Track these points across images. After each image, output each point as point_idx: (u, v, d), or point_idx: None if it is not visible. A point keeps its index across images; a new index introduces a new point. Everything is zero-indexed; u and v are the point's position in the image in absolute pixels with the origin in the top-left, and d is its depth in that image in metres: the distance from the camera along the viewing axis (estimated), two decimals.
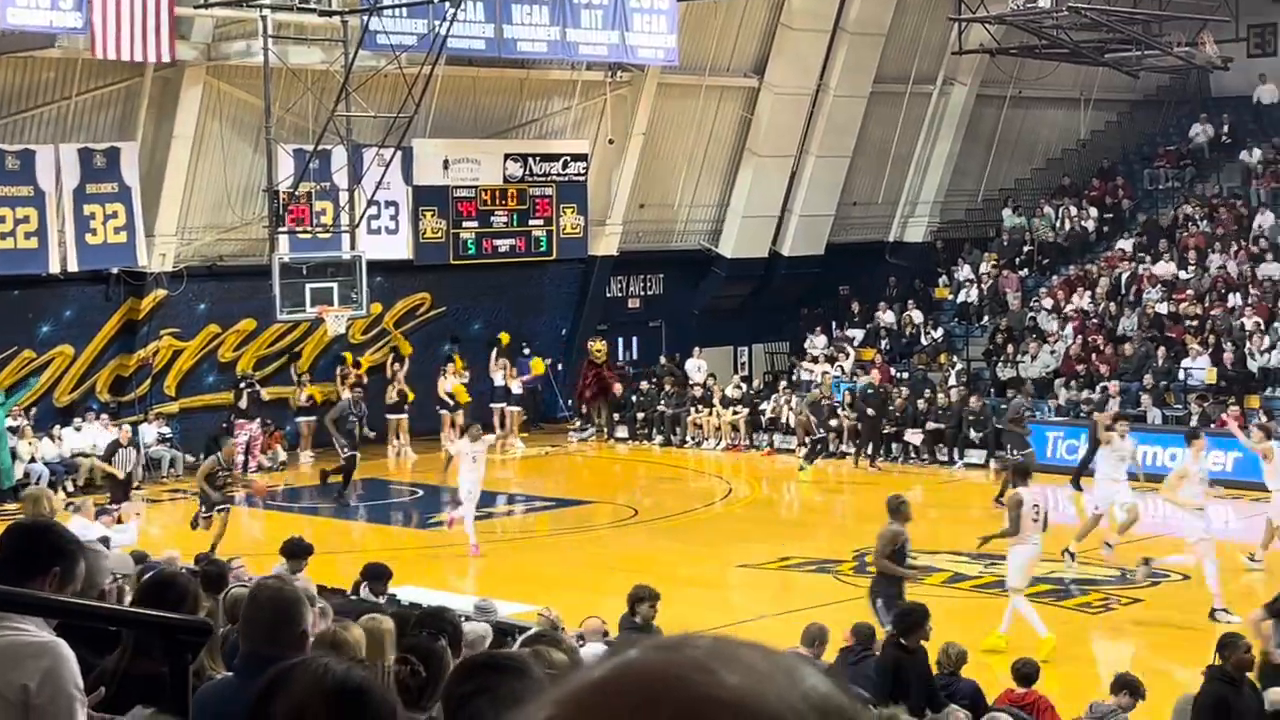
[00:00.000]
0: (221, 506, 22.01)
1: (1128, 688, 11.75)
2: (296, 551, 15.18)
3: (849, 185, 38.83)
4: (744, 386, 35.06)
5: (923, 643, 12.11)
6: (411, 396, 32.36)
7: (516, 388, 33.84)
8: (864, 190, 39.45)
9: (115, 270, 29.86)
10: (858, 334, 36.85)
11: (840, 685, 1.25)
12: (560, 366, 35.97)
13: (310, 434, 31.62)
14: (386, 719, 3.53)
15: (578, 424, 35.38)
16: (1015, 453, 26.44)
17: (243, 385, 30.76)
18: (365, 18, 27.64)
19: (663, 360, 36.19)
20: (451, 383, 32.63)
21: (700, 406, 34.33)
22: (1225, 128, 39.30)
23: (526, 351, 34.64)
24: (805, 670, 1.25)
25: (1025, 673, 12.04)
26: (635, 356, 37.26)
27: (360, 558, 17.77)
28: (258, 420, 30.82)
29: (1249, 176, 37.55)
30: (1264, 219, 35.44)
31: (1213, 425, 28.73)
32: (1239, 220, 35.92)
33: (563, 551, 23.65)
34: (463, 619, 11.56)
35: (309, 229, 29.39)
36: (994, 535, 18.10)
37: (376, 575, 14.65)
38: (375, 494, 28.89)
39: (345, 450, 27.62)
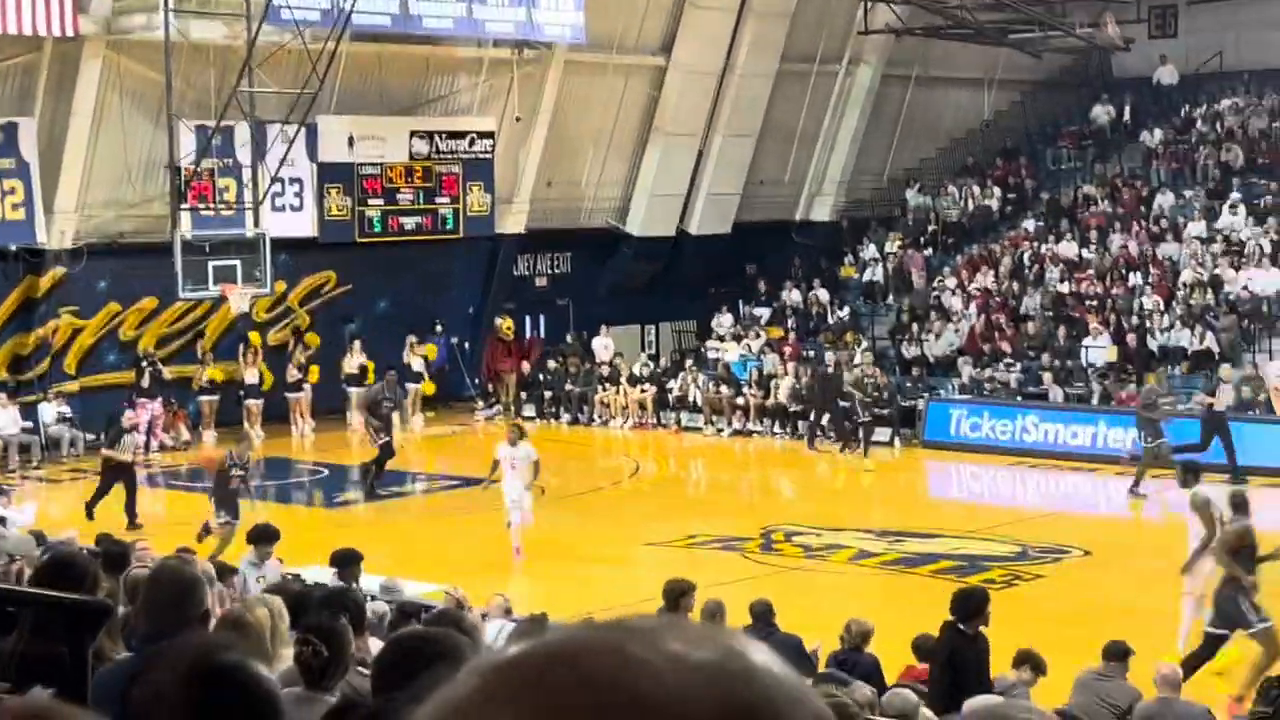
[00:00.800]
0: (228, 521, 20.20)
1: (1029, 662, 11.88)
2: (263, 537, 15.09)
3: (756, 164, 38.90)
4: (651, 365, 35.13)
5: (982, 629, 11.55)
6: (315, 377, 32.22)
7: (418, 364, 33.71)
8: (771, 169, 39.51)
9: (13, 247, 29.45)
10: (765, 313, 36.96)
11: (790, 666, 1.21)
12: (467, 345, 35.89)
13: (213, 413, 31.38)
14: (259, 701, 3.35)
15: (483, 403, 35.31)
16: (1150, 441, 25.56)
17: (144, 364, 30.42)
18: None
19: (569, 339, 36.16)
20: (357, 361, 32.53)
21: (607, 385, 34.34)
22: (1126, 109, 39.67)
23: (440, 330, 34.64)
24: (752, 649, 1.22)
25: (925, 648, 12.14)
26: (543, 335, 37.15)
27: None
28: (159, 399, 30.52)
29: (1149, 157, 37.97)
30: (1164, 199, 35.83)
31: (1112, 403, 29.22)
32: (1140, 200, 36.30)
33: (469, 530, 23.57)
34: (367, 598, 11.54)
35: (211, 206, 29.13)
36: (1198, 550, 16.01)
37: (344, 561, 14.50)
38: (278, 473, 28.66)
39: (380, 437, 26.44)
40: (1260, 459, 26.31)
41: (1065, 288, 33.76)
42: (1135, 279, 33.19)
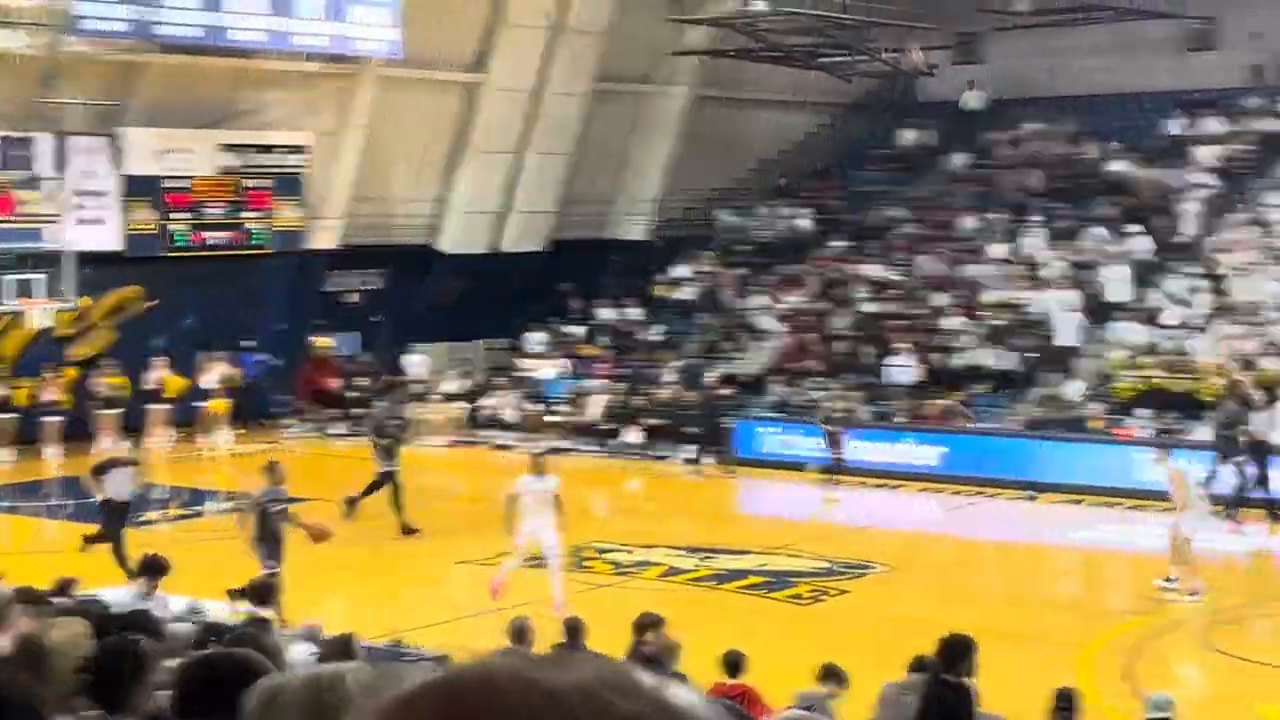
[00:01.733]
0: (274, 570, 17.57)
1: (833, 677, 12.05)
2: (152, 569, 14.51)
3: (570, 182, 38.96)
4: (465, 382, 35.01)
5: (968, 679, 10.86)
6: (128, 391, 31.58)
7: (213, 382, 33.13)
8: (585, 188, 39.58)
9: None
10: (578, 330, 37.01)
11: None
12: (279, 362, 35.42)
13: (13, 430, 30.57)
14: None
15: (294, 421, 34.90)
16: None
17: None
18: (73, 1, 26.89)
19: (369, 358, 35.83)
20: (160, 376, 31.98)
21: (421, 402, 34.15)
22: (932, 133, 40.37)
23: (250, 346, 34.18)
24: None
25: (733, 662, 12.25)
26: (356, 352, 36.79)
27: (62, 559, 17.30)
28: None
29: (954, 180, 38.68)
30: (967, 222, 36.51)
31: (918, 420, 29.76)
32: (944, 223, 36.96)
33: None
34: (171, 620, 11.37)
35: (10, 218, 28.47)
36: None
37: (152, 569, 14.05)
38: (77, 491, 28.00)
39: (383, 464, 24.38)
40: (1057, 477, 27.04)
41: (873, 307, 34.28)
42: (939, 299, 33.81)
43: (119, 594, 14.93)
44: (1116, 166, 36.43)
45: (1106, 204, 35.25)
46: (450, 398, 34.11)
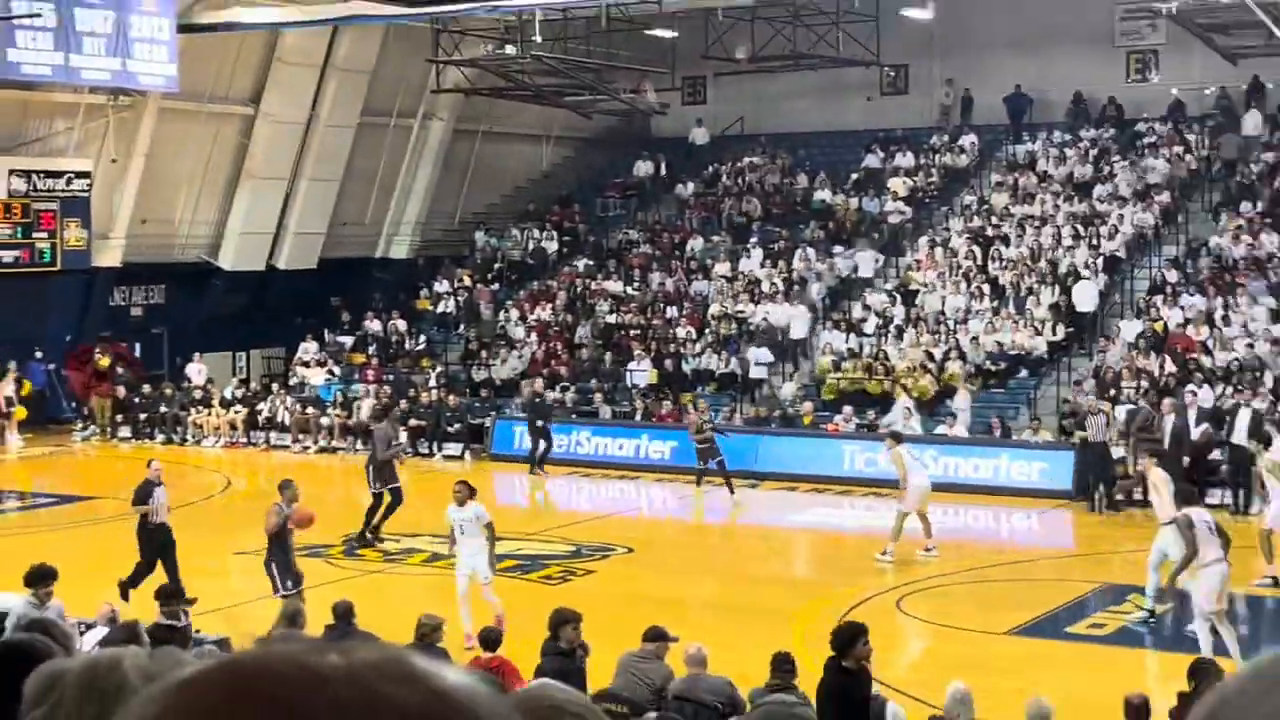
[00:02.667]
0: (295, 590, 15.95)
1: (582, 649, 12.11)
2: (41, 577, 13.33)
3: (340, 206, 38.53)
4: (242, 389, 34.39)
5: (863, 662, 10.60)
6: None
7: (8, 390, 32.08)
8: (353, 211, 39.19)
9: None
10: (348, 340, 36.59)
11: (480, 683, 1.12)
12: (65, 372, 34.38)
13: None
14: None
15: (80, 425, 33.92)
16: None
17: None
18: None
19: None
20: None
21: (200, 407, 33.49)
22: (664, 164, 40.80)
23: (39, 356, 33.15)
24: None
25: (490, 638, 12.23)
26: (139, 362, 35.85)
27: None
28: None
29: (684, 206, 39.18)
30: (695, 243, 37.00)
31: (654, 419, 30.04)
32: (675, 244, 37.39)
33: (69, 544, 22.50)
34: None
35: None
36: (1180, 566, 15.50)
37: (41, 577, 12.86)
38: None
39: (383, 485, 22.43)
40: (775, 467, 27.55)
41: (612, 319, 34.53)
42: (671, 311, 34.18)
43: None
44: (822, 195, 37.27)
45: (815, 227, 36.03)
46: (228, 403, 33.49)
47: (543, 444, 28.87)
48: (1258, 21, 25.41)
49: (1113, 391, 27.04)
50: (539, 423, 28.97)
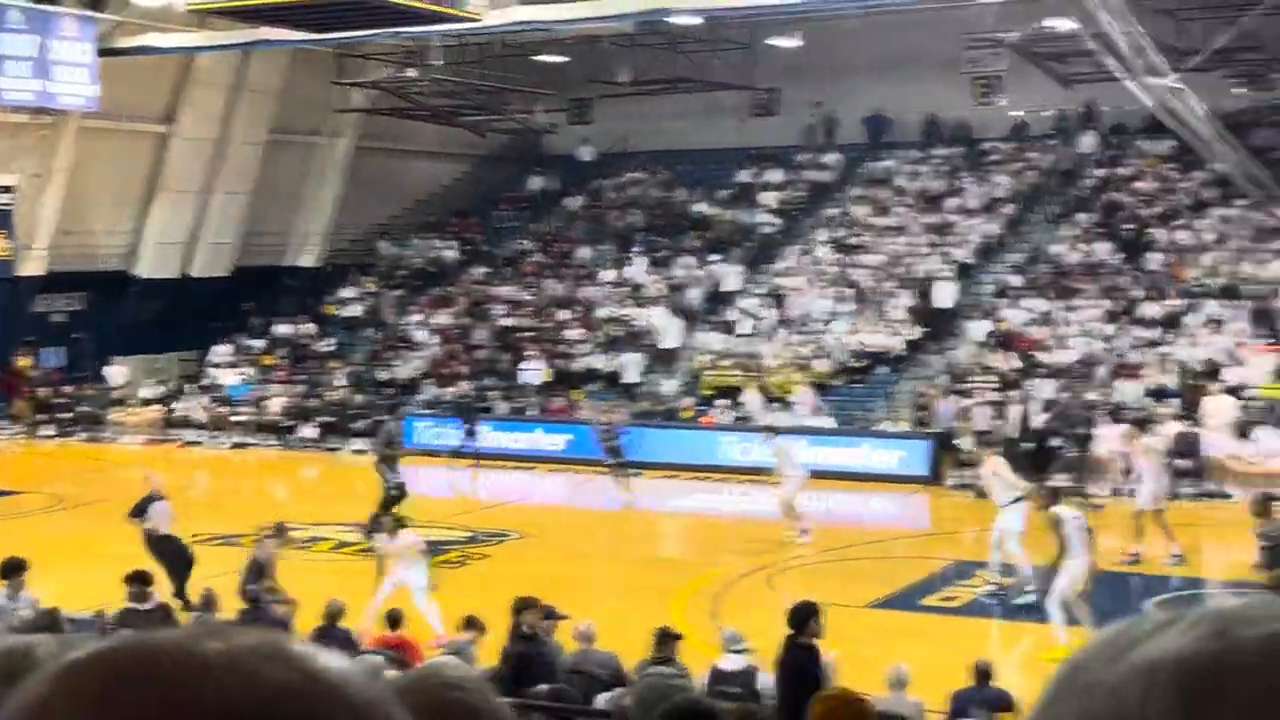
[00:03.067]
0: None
1: (474, 626, 12.10)
2: (12, 569, 12.76)
3: (251, 217, 38.05)
4: (159, 389, 33.91)
5: (816, 640, 10.57)
6: None
7: None
8: (264, 222, 38.71)
9: None
10: (260, 343, 36.16)
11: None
12: None
13: None
14: None
15: (6, 424, 33.25)
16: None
17: None
18: None
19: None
20: None
21: (120, 406, 32.98)
22: (555, 179, 40.77)
23: None
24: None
25: (393, 618, 12.19)
26: (62, 365, 35.18)
27: None
28: None
29: (572, 218, 39.17)
30: (584, 252, 37.03)
31: (547, 413, 30.02)
32: (565, 253, 37.38)
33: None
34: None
35: None
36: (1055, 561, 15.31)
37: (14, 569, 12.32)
38: None
39: (392, 477, 21.95)
40: (657, 458, 27.62)
41: (508, 322, 34.44)
42: (563, 315, 34.18)
43: None
44: (699, 208, 37.45)
45: (693, 237, 36.19)
46: (147, 402, 33.00)
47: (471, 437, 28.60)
48: (1090, 50, 25.93)
49: (963, 386, 27.48)
50: (469, 420, 28.67)
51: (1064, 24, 28.06)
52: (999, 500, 17.72)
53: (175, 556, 16.78)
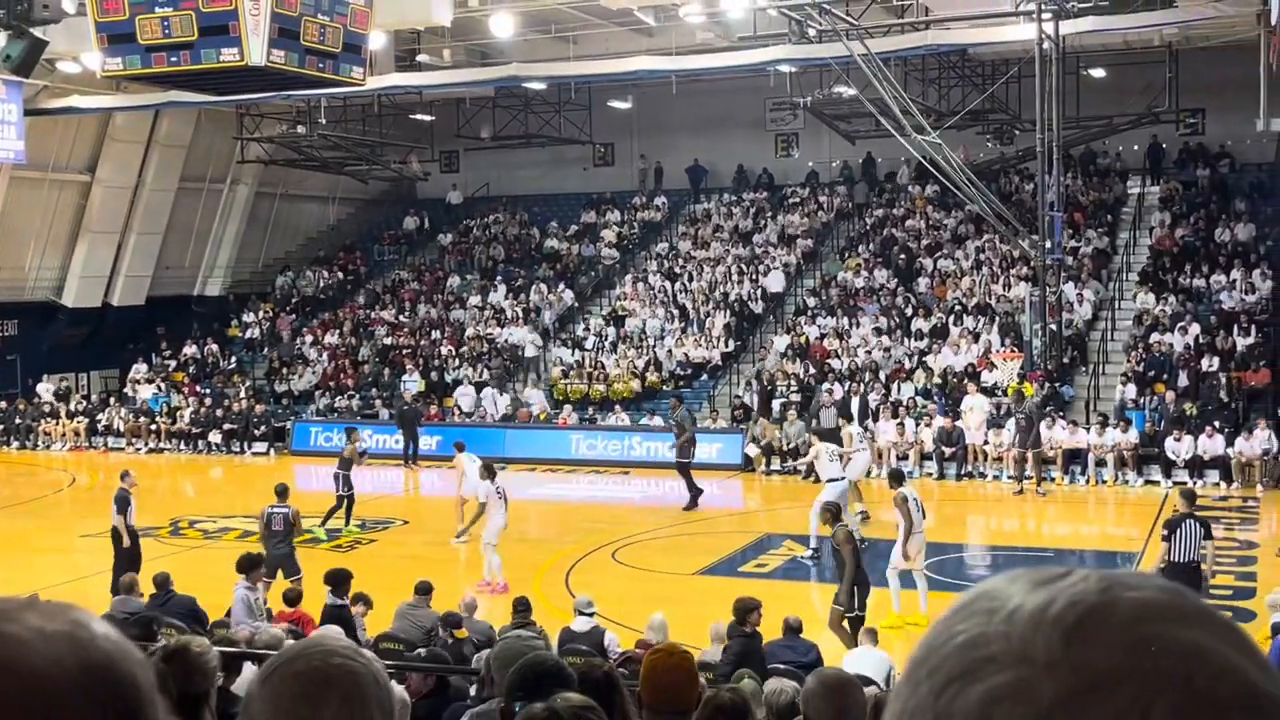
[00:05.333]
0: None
1: (363, 600, 11.91)
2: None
3: (163, 253, 36.98)
4: (84, 402, 32.79)
5: (757, 628, 10.36)
6: None
7: None
8: (174, 257, 37.66)
9: None
10: (171, 363, 35.19)
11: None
12: None
13: None
14: None
15: None
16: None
17: None
18: None
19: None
20: None
21: (49, 418, 31.80)
22: (427, 219, 40.42)
23: None
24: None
25: (291, 598, 11.93)
26: None
27: None
28: None
29: (444, 252, 38.85)
30: (453, 280, 36.73)
31: (423, 419, 29.66)
32: (437, 281, 37.06)
33: None
34: None
35: None
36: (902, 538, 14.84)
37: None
38: None
39: (348, 488, 20.36)
40: (520, 454, 27.54)
41: (389, 341, 34.02)
42: (435, 334, 33.88)
43: None
44: (551, 243, 37.43)
45: (546, 268, 36.15)
46: (72, 414, 31.84)
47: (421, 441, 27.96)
48: (868, 112, 26.53)
49: (769, 390, 27.86)
50: (409, 426, 27.99)
51: (848, 90, 28.68)
52: (824, 477, 18.01)
53: (132, 551, 16.08)
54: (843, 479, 18.13)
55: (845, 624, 12.50)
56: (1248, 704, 0.78)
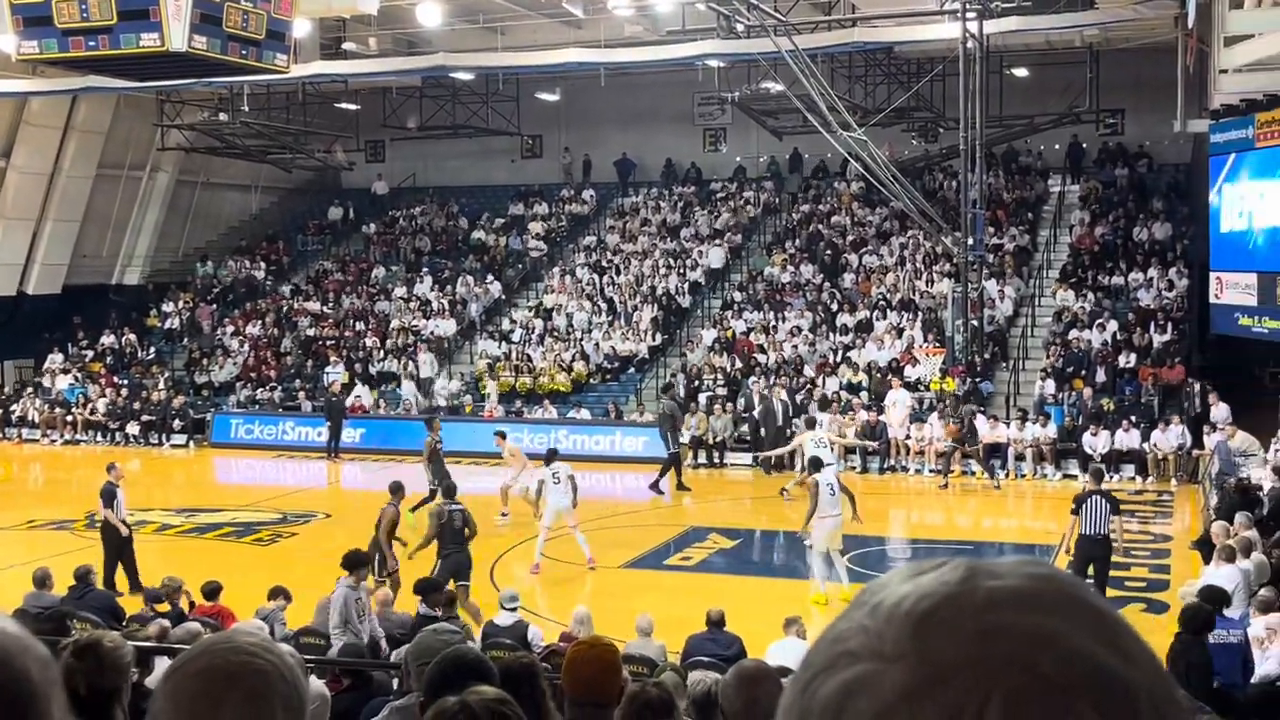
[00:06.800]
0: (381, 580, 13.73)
1: (282, 594, 11.78)
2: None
3: (80, 241, 36.20)
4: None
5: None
6: None
7: None
8: (92, 245, 36.88)
9: None
10: (89, 353, 34.49)
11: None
12: None
13: None
14: None
15: None
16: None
17: None
18: None
19: None
20: None
21: None
22: (352, 209, 40.02)
23: None
24: None
25: (210, 590, 11.76)
26: None
27: None
28: None
29: (369, 243, 38.51)
30: (378, 272, 36.38)
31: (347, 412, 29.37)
32: (362, 272, 36.72)
33: None
34: None
35: None
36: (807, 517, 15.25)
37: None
38: None
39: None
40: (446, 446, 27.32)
41: (312, 332, 33.64)
42: (360, 326, 33.56)
43: None
44: (478, 235, 37.24)
45: (472, 260, 35.97)
46: None
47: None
48: (796, 108, 26.71)
49: (695, 384, 27.96)
50: (335, 417, 27.66)
51: (776, 86, 28.85)
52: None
53: (123, 543, 15.91)
54: (832, 464, 18.02)
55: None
56: (1093, 688, 0.78)
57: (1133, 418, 24.24)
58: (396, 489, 14.98)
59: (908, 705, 0.78)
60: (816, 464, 15.77)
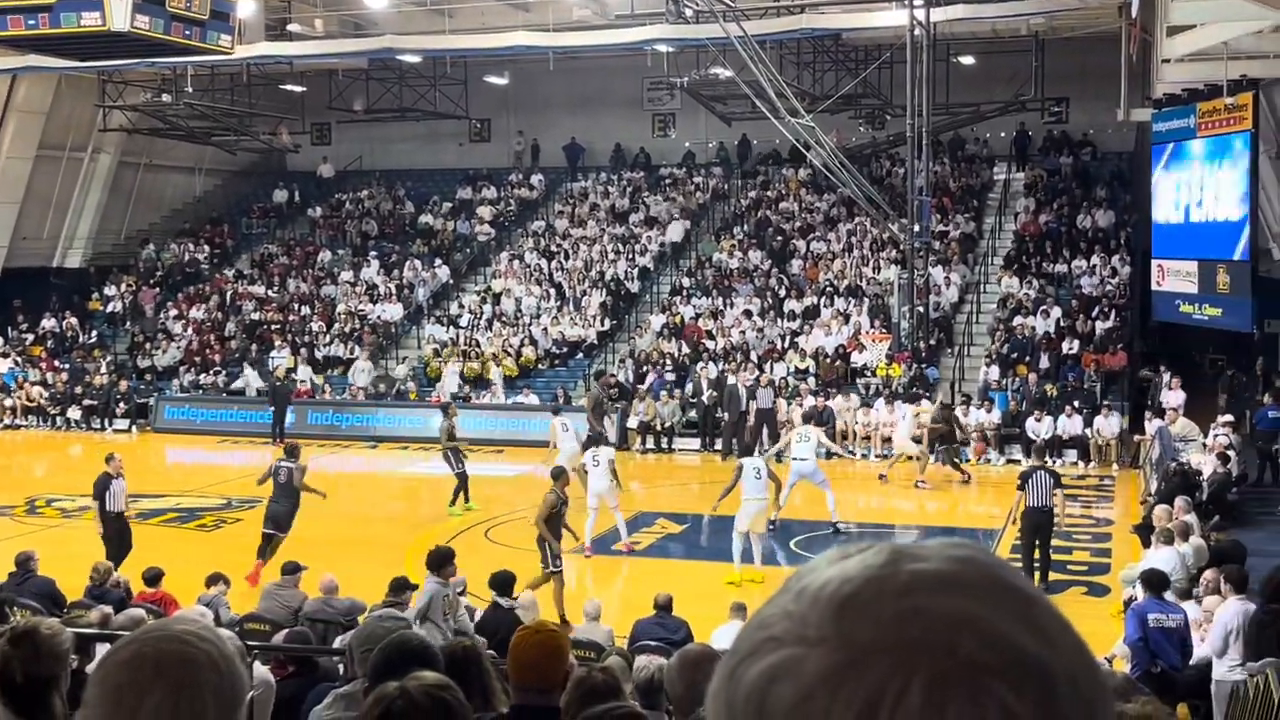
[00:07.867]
0: (555, 568, 13.96)
1: (221, 580, 11.71)
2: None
3: (20, 224, 35.56)
4: None
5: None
6: None
7: None
8: (32, 228, 36.23)
9: None
10: (29, 336, 33.95)
11: None
12: None
13: None
14: None
15: None
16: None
17: None
18: None
19: None
20: None
21: None
22: (298, 192, 39.64)
23: None
24: None
25: (151, 577, 11.64)
26: None
27: None
28: None
29: (315, 226, 38.18)
30: (325, 255, 36.15)
31: (291, 396, 29.15)
32: (307, 256, 36.42)
33: None
34: None
35: None
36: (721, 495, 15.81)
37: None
38: None
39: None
40: (390, 432, 27.25)
41: (257, 316, 33.32)
42: (305, 310, 33.29)
43: None
44: (425, 219, 37.02)
45: (420, 244, 35.76)
46: None
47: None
48: (744, 94, 26.75)
49: (645, 369, 27.99)
50: (280, 403, 27.36)
51: (724, 72, 28.87)
52: (796, 455, 18.18)
53: (120, 535, 15.48)
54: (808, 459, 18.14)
55: None
56: (1012, 671, 0.78)
57: (1075, 403, 24.55)
58: (559, 474, 14.80)
59: (828, 689, 0.78)
60: (748, 450, 16.15)
